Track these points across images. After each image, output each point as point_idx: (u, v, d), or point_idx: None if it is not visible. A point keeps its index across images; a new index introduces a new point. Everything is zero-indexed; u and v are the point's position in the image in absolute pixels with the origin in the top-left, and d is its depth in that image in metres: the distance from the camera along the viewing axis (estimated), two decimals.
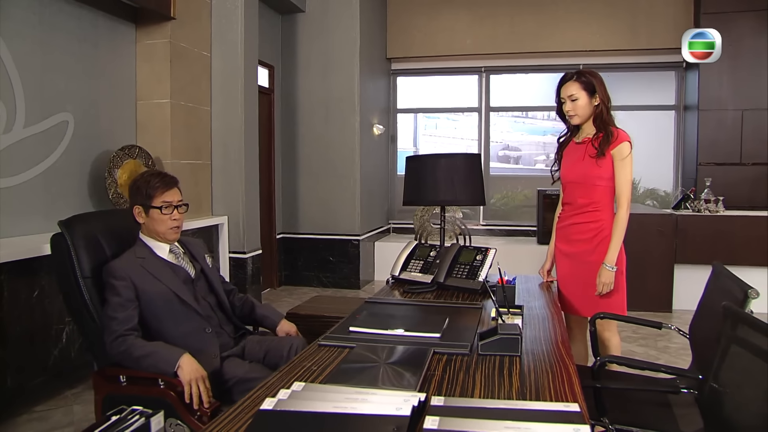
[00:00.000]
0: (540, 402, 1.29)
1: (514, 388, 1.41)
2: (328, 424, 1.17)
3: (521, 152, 8.22)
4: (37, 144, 3.24)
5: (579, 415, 1.19)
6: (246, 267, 4.76)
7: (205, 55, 4.53)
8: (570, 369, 1.53)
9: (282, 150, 6.23)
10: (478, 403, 1.26)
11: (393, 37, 6.94)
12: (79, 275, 2.08)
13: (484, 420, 1.16)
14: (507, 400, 1.30)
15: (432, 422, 1.16)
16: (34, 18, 3.22)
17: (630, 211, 2.56)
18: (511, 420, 1.15)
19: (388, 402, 1.22)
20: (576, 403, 1.25)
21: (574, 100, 2.56)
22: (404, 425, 1.12)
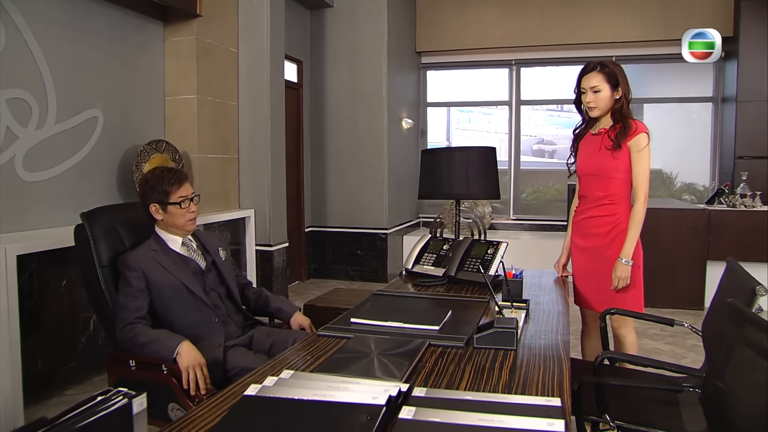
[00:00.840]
0: (523, 396, 1.28)
1: (502, 382, 1.40)
2: (304, 410, 1.19)
3: (556, 146, 8.10)
4: (67, 139, 3.37)
5: (558, 410, 1.18)
6: (272, 259, 4.83)
7: (232, 51, 4.61)
8: (564, 365, 1.51)
9: (311, 144, 6.29)
10: (459, 395, 1.26)
11: (422, 31, 6.91)
12: (97, 264, 2.18)
13: (459, 412, 1.16)
14: (490, 393, 1.30)
15: (408, 412, 1.17)
16: (66, 18, 3.34)
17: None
18: (486, 412, 1.15)
19: (368, 391, 1.24)
20: (559, 398, 1.24)
21: (596, 92, 2.51)
22: (377, 414, 1.14)
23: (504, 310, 2.02)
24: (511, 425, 1.10)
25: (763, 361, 1.38)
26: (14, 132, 3.05)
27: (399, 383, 1.32)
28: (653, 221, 4.94)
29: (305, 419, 1.16)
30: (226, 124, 4.57)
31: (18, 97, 3.06)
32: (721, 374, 1.59)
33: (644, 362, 1.72)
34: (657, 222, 4.94)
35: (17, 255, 2.67)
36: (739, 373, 1.49)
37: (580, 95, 2.60)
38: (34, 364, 2.89)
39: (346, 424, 1.12)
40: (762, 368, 1.37)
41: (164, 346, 1.95)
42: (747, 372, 1.47)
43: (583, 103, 2.59)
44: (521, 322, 1.89)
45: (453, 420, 1.13)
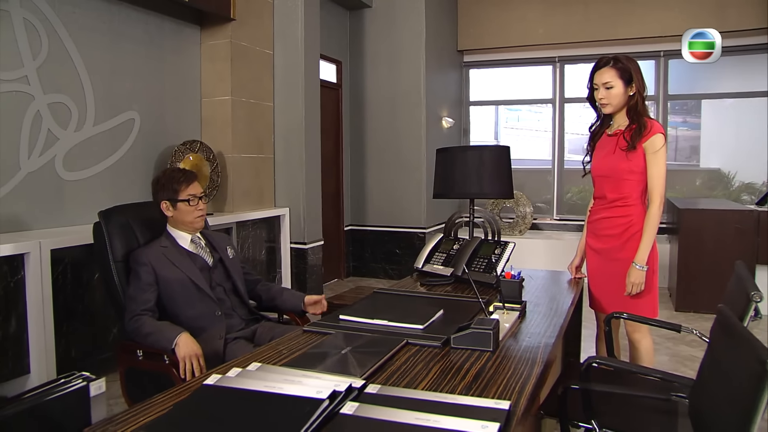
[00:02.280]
0: (476, 397, 1.27)
1: (464, 383, 1.40)
2: (250, 401, 1.23)
3: None
4: (105, 140, 3.56)
5: (502, 413, 1.17)
6: (306, 257, 4.93)
7: (267, 53, 4.73)
8: (535, 368, 1.49)
9: (351, 144, 6.36)
10: (411, 394, 1.27)
11: (464, 29, 6.86)
12: (111, 259, 2.31)
13: (400, 410, 1.17)
14: (444, 394, 1.30)
15: (350, 408, 1.19)
16: (104, 26, 3.53)
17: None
18: (426, 412, 1.16)
19: (318, 386, 1.26)
20: (509, 401, 1.23)
21: (608, 88, 2.43)
22: (316, 407, 1.16)
23: (497, 311, 2.01)
24: (444, 425, 1.11)
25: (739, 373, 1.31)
26: (55, 134, 3.25)
27: (356, 379, 1.34)
28: (697, 223, 4.74)
29: (248, 409, 1.20)
30: (261, 124, 4.70)
31: (59, 101, 3.27)
32: (705, 385, 1.53)
33: (631, 369, 1.66)
34: (702, 224, 4.73)
35: (51, 249, 2.85)
36: (723, 384, 1.42)
37: (594, 91, 2.53)
38: (68, 353, 3.07)
39: (283, 416, 1.16)
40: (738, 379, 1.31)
41: (164, 336, 2.04)
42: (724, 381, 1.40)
43: (596, 99, 2.52)
44: (511, 324, 1.88)
45: (389, 417, 1.15)
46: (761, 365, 1.16)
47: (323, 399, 1.19)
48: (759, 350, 1.21)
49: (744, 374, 1.27)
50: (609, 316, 2.28)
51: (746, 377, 1.25)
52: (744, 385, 1.25)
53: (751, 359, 1.23)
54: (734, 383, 1.32)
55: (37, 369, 2.79)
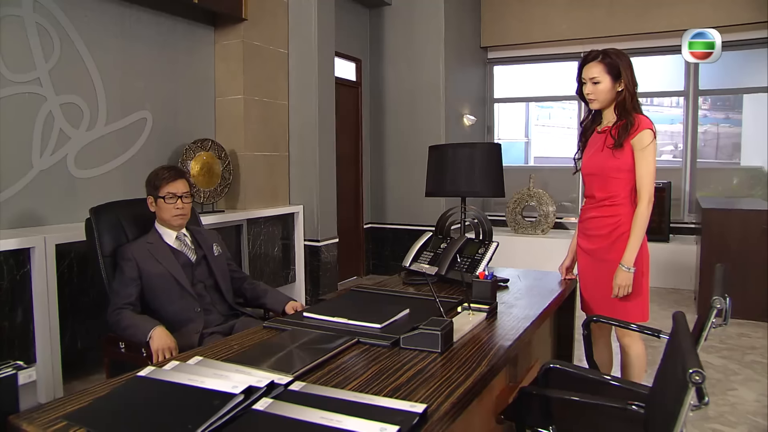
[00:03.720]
0: (394, 399, 1.26)
1: (396, 384, 1.39)
2: (169, 393, 1.27)
3: None
4: (117, 139, 3.69)
5: (410, 416, 1.16)
6: (320, 254, 4.98)
7: (282, 52, 4.79)
8: (477, 372, 1.46)
9: (370, 142, 6.38)
10: (331, 393, 1.28)
11: (487, 26, 6.78)
12: (99, 254, 2.40)
13: (309, 408, 1.18)
14: (364, 394, 1.29)
15: (263, 404, 1.21)
16: (116, 28, 3.65)
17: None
18: (333, 412, 1.16)
19: (239, 380, 1.28)
20: (425, 405, 1.22)
21: (595, 83, 2.37)
22: (226, 401, 1.18)
23: (464, 312, 1.99)
24: (344, 426, 1.11)
25: (672, 384, 1.26)
26: (67, 133, 3.39)
27: (284, 376, 1.36)
28: (722, 223, 4.55)
29: (165, 401, 1.25)
30: (275, 123, 4.77)
31: (70, 102, 3.40)
32: (655, 394, 1.48)
33: (588, 375, 1.62)
34: (726, 224, 4.54)
35: (56, 244, 2.97)
36: (662, 394, 1.38)
37: (582, 86, 2.46)
38: (74, 344, 3.19)
39: (194, 408, 1.18)
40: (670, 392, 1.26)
41: (140, 330, 2.11)
42: (664, 394, 1.35)
43: (584, 94, 2.45)
44: (473, 325, 1.85)
45: (295, 415, 1.16)
46: (683, 374, 1.12)
47: (236, 394, 1.21)
48: (686, 360, 1.16)
49: (673, 384, 1.22)
50: (587, 319, 2.22)
51: (674, 387, 1.21)
52: (671, 396, 1.21)
53: (679, 369, 1.19)
54: (668, 393, 1.27)
55: (42, 359, 2.92)
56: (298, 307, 2.41)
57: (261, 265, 4.51)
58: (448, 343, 1.64)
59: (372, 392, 1.33)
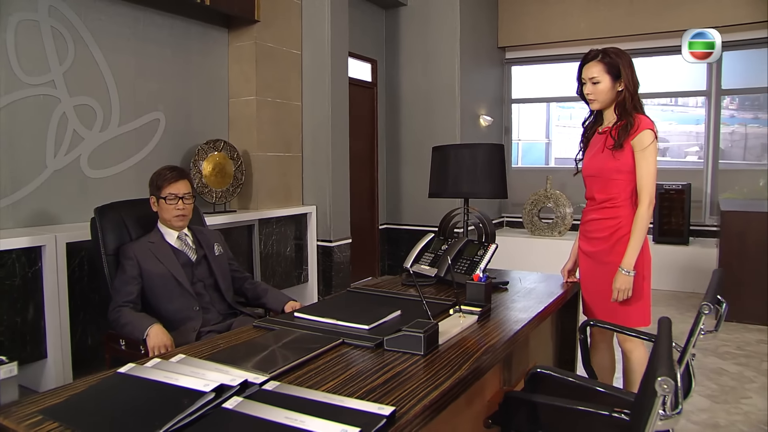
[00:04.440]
0: (363, 401, 1.26)
1: (371, 386, 1.39)
2: (144, 390, 1.30)
3: (669, 143, 7.51)
4: (130, 140, 3.76)
5: (377, 418, 1.16)
6: (332, 255, 4.99)
7: (295, 53, 4.83)
8: (456, 375, 1.45)
9: (386, 143, 6.38)
10: (303, 393, 1.29)
11: (504, 26, 6.72)
12: (103, 253, 2.45)
13: (276, 408, 1.19)
14: (335, 395, 1.29)
15: (232, 402, 1.23)
16: (129, 31, 3.72)
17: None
18: (299, 412, 1.17)
19: (213, 379, 1.30)
20: (393, 407, 1.21)
21: (595, 83, 2.34)
22: (195, 399, 1.20)
23: (455, 315, 1.98)
24: (306, 426, 1.12)
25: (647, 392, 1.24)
26: (80, 134, 3.46)
27: (259, 375, 1.37)
28: (741, 225, 4.43)
29: (138, 397, 1.28)
30: (288, 124, 4.80)
31: (84, 103, 3.48)
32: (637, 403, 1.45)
33: (575, 380, 1.59)
34: (745, 226, 4.42)
35: (67, 242, 3.04)
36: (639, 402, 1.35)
37: (582, 86, 2.43)
38: (85, 340, 3.26)
39: (164, 405, 1.20)
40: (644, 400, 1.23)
41: (137, 327, 2.15)
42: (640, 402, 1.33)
43: (585, 94, 2.42)
44: (463, 328, 1.84)
45: (261, 414, 1.17)
46: (651, 383, 1.09)
47: (206, 392, 1.23)
48: (658, 367, 1.14)
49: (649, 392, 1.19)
50: (584, 324, 2.19)
51: (648, 395, 1.18)
52: (646, 404, 1.18)
53: (651, 377, 1.16)
54: (644, 401, 1.25)
55: (53, 354, 2.99)
56: (297, 307, 2.43)
57: (273, 264, 4.55)
58: (432, 345, 1.63)
59: (346, 393, 1.33)
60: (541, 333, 2.49)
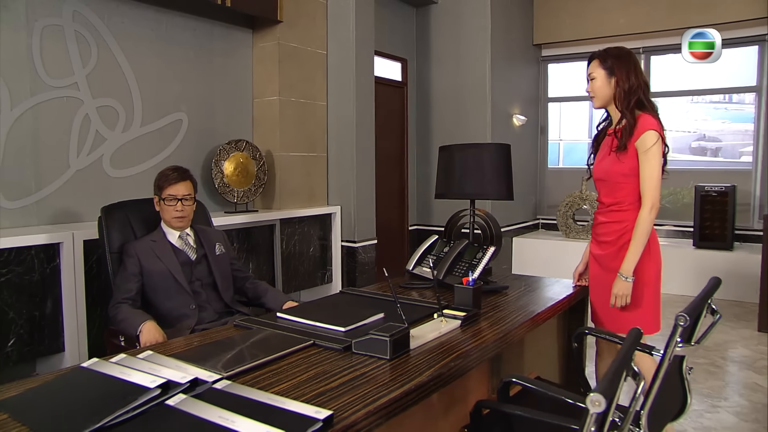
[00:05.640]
0: (305, 404, 1.22)
1: (323, 388, 1.36)
2: (96, 384, 1.32)
3: (722, 143, 7.17)
4: (152, 140, 3.85)
5: (311, 422, 1.14)
6: (356, 255, 4.98)
7: (320, 53, 4.84)
8: (411, 384, 1.40)
9: (416, 143, 6.32)
10: (248, 393, 1.28)
11: (540, 22, 6.55)
12: (107, 251, 2.51)
13: (214, 407, 1.19)
14: (277, 396, 1.27)
15: (175, 400, 1.23)
16: (152, 33, 3.81)
17: (655, 211, 2.16)
18: (234, 412, 1.16)
19: (166, 376, 1.30)
20: (331, 412, 1.18)
21: (592, 80, 2.34)
22: (139, 395, 1.21)
23: (438, 319, 1.92)
24: (235, 427, 1.11)
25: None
26: (102, 135, 3.57)
27: (213, 373, 1.37)
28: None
29: (88, 391, 1.30)
30: (312, 124, 4.81)
31: (107, 104, 3.58)
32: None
33: (547, 391, 1.51)
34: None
35: (84, 240, 3.13)
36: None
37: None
38: (100, 334, 3.35)
39: (110, 399, 1.21)
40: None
41: (131, 324, 2.19)
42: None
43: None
44: (442, 333, 1.78)
45: (198, 413, 1.18)
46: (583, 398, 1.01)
47: (151, 388, 1.24)
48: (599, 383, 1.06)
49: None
50: (579, 332, 2.08)
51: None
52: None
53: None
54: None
55: (70, 347, 3.08)
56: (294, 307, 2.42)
57: (295, 264, 4.57)
58: (400, 349, 1.59)
59: (296, 395, 1.31)
60: (541, 340, 2.40)
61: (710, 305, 1.53)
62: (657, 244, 2.29)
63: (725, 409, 3.03)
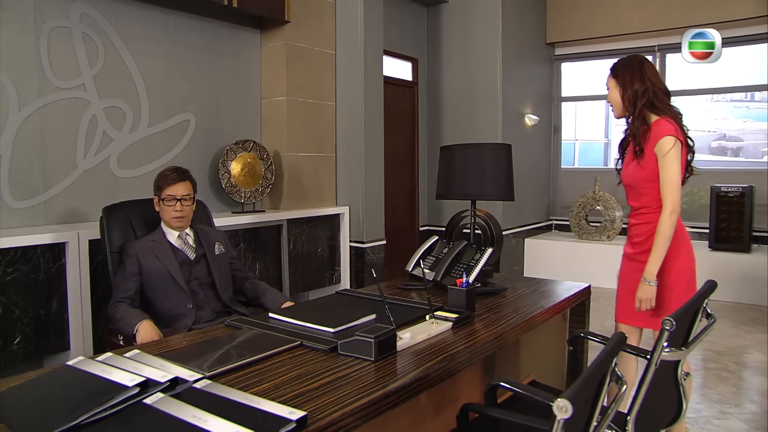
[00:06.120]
0: (279, 405, 1.21)
1: (300, 390, 1.34)
2: (78, 382, 1.32)
3: (743, 142, 7.03)
4: (159, 141, 3.87)
5: (283, 422, 1.13)
6: (365, 256, 4.96)
7: (329, 53, 4.83)
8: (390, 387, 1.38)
9: (427, 143, 6.29)
10: (226, 393, 1.27)
11: (553, 21, 6.48)
12: (108, 250, 2.53)
13: (189, 406, 1.19)
14: (254, 396, 1.26)
15: (153, 399, 1.24)
16: (159, 34, 3.84)
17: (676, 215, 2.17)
18: (208, 412, 1.15)
19: (147, 375, 1.31)
20: (305, 413, 1.16)
21: (609, 93, 2.40)
22: (118, 393, 1.21)
23: (430, 320, 1.89)
24: (207, 427, 1.11)
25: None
26: (110, 135, 3.61)
27: (194, 373, 1.37)
28: None
29: (71, 390, 1.30)
30: (321, 124, 4.81)
31: (114, 105, 3.61)
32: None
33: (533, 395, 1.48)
34: None
35: (89, 239, 3.16)
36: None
37: None
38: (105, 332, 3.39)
39: (89, 397, 1.22)
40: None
41: (128, 323, 2.20)
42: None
43: None
44: (431, 335, 1.76)
45: (172, 412, 1.18)
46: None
47: (129, 387, 1.24)
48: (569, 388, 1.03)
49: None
50: (573, 336, 2.05)
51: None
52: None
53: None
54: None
55: (75, 346, 3.12)
56: None
57: (302, 265, 4.56)
58: (386, 351, 1.57)
59: (274, 396, 1.30)
60: (539, 343, 2.36)
61: (705, 309, 1.48)
62: (688, 247, 2.29)
63: (735, 416, 2.95)
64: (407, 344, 1.66)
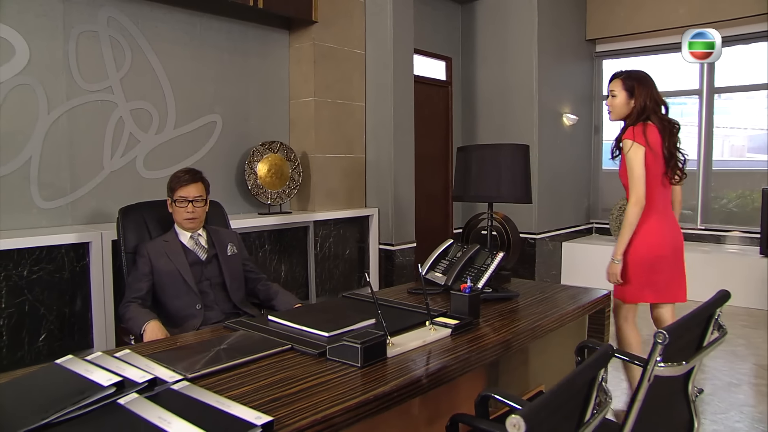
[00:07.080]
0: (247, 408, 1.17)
1: (277, 394, 1.30)
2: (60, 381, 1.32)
3: None
4: (185, 142, 3.92)
5: (244, 426, 1.10)
6: (394, 258, 4.90)
7: (358, 53, 4.80)
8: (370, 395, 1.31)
9: (462, 143, 6.17)
10: (200, 396, 1.26)
11: (593, 17, 6.26)
12: (123, 250, 2.56)
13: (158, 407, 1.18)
14: (226, 400, 1.22)
15: (127, 399, 1.23)
16: (186, 37, 3.89)
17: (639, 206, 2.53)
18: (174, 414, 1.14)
19: (128, 375, 1.30)
20: (271, 418, 1.12)
21: (613, 96, 2.70)
22: (92, 392, 1.21)
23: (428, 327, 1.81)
24: (169, 428, 1.10)
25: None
26: (136, 137, 3.67)
27: (175, 374, 1.36)
28: None
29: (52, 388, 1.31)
30: (350, 125, 4.78)
31: (140, 107, 3.68)
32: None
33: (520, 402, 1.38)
34: None
35: (112, 240, 3.21)
36: None
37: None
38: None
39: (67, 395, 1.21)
40: None
41: (136, 323, 2.21)
42: None
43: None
44: (427, 341, 1.68)
45: (140, 412, 1.17)
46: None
47: (104, 386, 1.23)
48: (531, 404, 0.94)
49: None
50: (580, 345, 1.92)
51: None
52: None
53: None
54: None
55: (98, 343, 3.17)
56: None
57: (329, 267, 4.54)
58: (374, 357, 1.51)
59: (247, 400, 1.26)
60: (550, 351, 2.24)
61: (717, 320, 1.35)
62: (655, 235, 2.60)
63: None
64: (398, 351, 1.59)
